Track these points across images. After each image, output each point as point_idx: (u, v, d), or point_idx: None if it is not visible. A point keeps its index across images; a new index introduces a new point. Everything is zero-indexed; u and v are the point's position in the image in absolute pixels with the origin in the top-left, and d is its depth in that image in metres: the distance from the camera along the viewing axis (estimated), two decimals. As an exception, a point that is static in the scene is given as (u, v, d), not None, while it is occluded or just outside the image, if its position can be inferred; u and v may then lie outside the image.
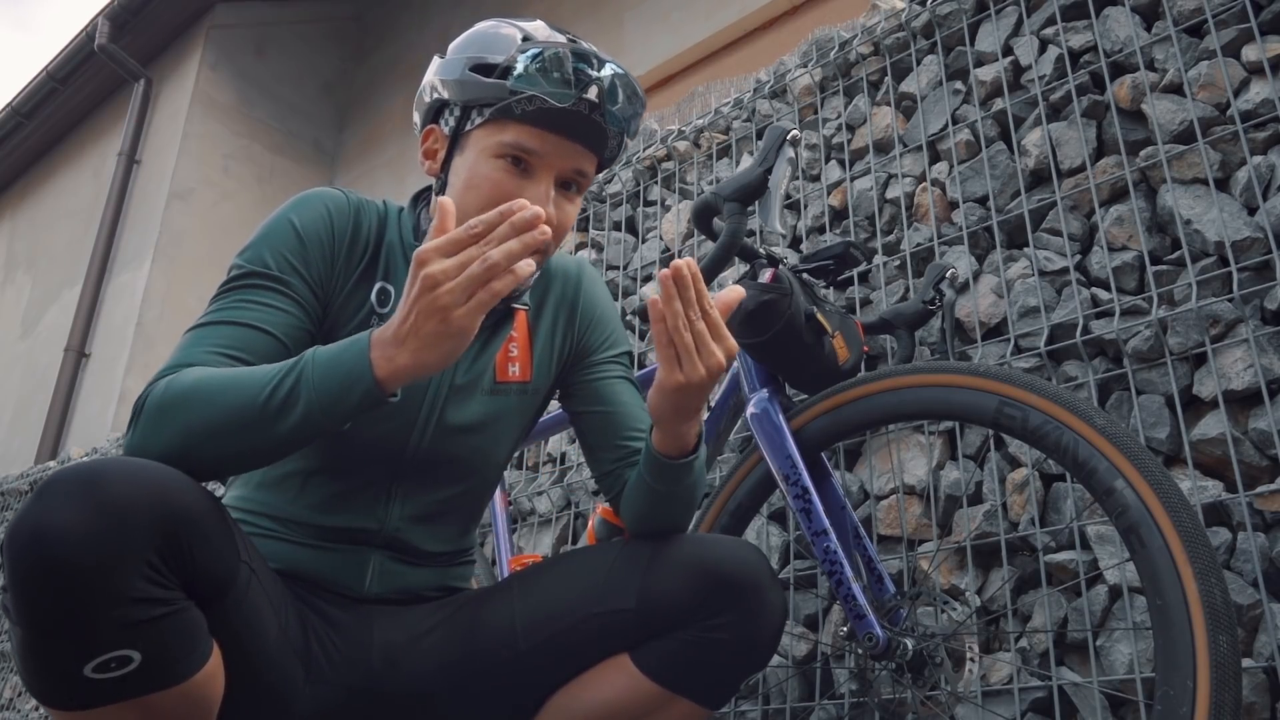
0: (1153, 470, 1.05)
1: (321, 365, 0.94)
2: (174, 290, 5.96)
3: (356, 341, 0.94)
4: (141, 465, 0.88)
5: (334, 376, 0.93)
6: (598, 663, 1.09)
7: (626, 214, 2.63)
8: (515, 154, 1.10)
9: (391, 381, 0.92)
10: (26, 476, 4.89)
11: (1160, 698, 0.98)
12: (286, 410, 0.93)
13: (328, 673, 1.10)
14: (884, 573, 1.34)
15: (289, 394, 0.93)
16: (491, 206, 1.10)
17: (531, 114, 1.08)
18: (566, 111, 1.08)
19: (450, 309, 0.89)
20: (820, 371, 1.43)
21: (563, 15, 5.30)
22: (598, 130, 1.11)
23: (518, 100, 1.08)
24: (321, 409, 0.93)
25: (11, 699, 4.15)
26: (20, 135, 7.60)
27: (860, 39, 2.15)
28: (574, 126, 1.10)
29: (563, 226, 1.14)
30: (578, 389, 1.28)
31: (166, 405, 0.96)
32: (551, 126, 1.09)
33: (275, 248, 1.11)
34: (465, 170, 1.13)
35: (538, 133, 1.09)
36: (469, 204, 1.10)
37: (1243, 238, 1.50)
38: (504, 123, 1.10)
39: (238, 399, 0.94)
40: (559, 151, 1.10)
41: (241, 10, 6.73)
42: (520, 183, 1.10)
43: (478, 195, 1.10)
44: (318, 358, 0.94)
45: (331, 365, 0.93)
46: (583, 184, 1.15)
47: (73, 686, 0.85)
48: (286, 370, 0.94)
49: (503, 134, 1.10)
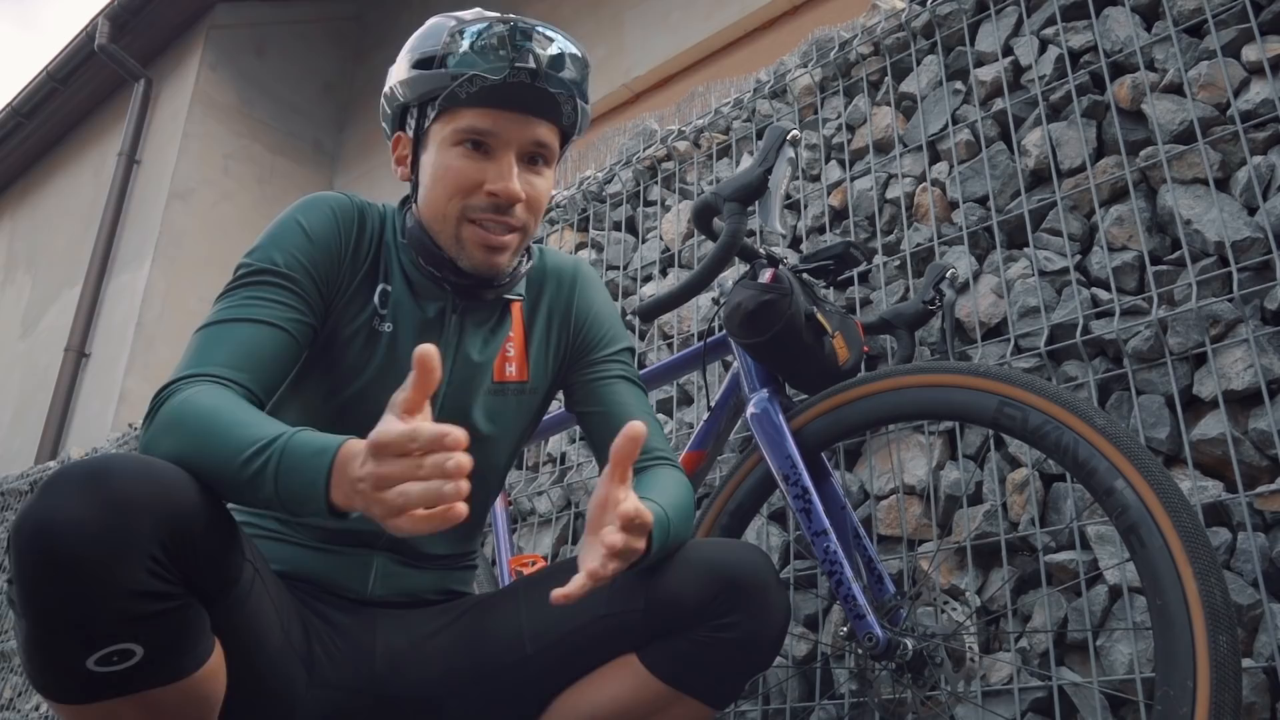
0: (1153, 470, 1.05)
1: (290, 461, 0.89)
2: (174, 290, 5.96)
3: (324, 452, 0.88)
4: (147, 462, 0.88)
5: (296, 480, 0.89)
6: (605, 663, 1.10)
7: (626, 214, 2.63)
8: (471, 138, 1.12)
9: (346, 508, 0.88)
10: (27, 476, 4.89)
11: (1160, 698, 0.98)
12: (256, 485, 0.91)
13: (330, 676, 1.10)
14: (884, 573, 1.34)
15: (260, 472, 0.90)
16: (459, 194, 1.13)
17: (477, 95, 1.10)
18: (509, 85, 1.10)
19: (396, 507, 0.82)
20: (820, 371, 1.43)
21: (563, 15, 5.30)
22: (545, 98, 1.13)
23: (460, 84, 1.10)
24: (283, 502, 0.90)
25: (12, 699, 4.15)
26: (20, 135, 7.61)
27: (860, 39, 2.15)
28: (520, 99, 1.12)
29: (535, 200, 1.16)
30: (578, 389, 1.29)
31: (173, 422, 0.97)
32: (498, 103, 1.11)
33: (284, 247, 1.13)
34: (429, 165, 1.15)
35: (487, 112, 1.11)
36: (438, 196, 1.14)
37: (1243, 238, 1.50)
38: (455, 110, 1.12)
39: (223, 453, 0.92)
40: (512, 127, 1.12)
41: (241, 10, 6.73)
42: (482, 164, 1.13)
43: (444, 186, 1.13)
44: (289, 450, 0.90)
45: (297, 467, 0.89)
46: (547, 155, 1.17)
47: (75, 679, 0.86)
48: (264, 445, 0.91)
49: (456, 121, 1.12)
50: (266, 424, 0.94)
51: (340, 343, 1.16)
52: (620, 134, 2.86)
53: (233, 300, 1.09)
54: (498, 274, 1.18)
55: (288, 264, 1.11)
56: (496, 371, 1.24)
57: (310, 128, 7.01)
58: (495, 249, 1.15)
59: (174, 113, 6.47)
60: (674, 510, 1.09)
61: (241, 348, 1.05)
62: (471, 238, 1.14)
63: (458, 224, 1.14)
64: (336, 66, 7.22)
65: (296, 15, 7.02)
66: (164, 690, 0.89)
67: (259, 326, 1.07)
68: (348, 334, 1.16)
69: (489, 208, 1.13)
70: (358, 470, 0.84)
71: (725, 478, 1.50)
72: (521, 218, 1.15)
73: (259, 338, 1.06)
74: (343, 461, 0.87)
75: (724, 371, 2.17)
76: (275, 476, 0.89)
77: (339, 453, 0.87)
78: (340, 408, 1.16)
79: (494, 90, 1.10)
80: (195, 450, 0.94)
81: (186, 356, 1.05)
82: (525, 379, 1.26)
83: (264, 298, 1.09)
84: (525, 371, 1.26)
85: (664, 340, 2.37)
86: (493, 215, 1.13)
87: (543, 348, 1.28)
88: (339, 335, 1.16)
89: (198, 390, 0.99)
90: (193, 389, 0.99)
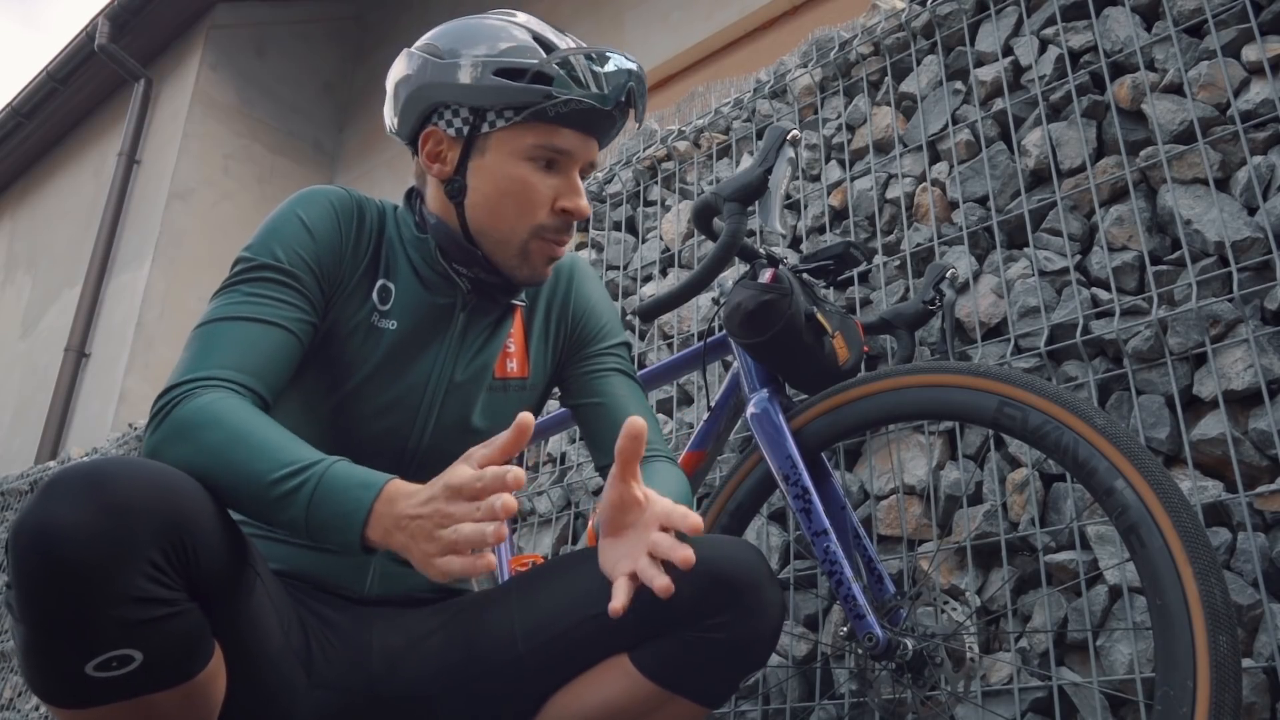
0: (1153, 470, 1.05)
1: (328, 489, 0.91)
2: (174, 290, 5.95)
3: (369, 486, 0.91)
4: (146, 466, 0.88)
5: (332, 509, 0.90)
6: (597, 664, 1.09)
7: (626, 214, 2.63)
8: (550, 156, 1.14)
9: (378, 545, 0.90)
10: (26, 476, 4.89)
11: (1160, 698, 0.98)
12: (284, 506, 0.92)
13: (328, 676, 1.10)
14: (884, 573, 1.34)
15: (292, 494, 0.91)
16: (528, 208, 1.15)
17: (566, 115, 1.12)
18: (601, 112, 1.13)
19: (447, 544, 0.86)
20: (820, 371, 1.43)
21: (563, 15, 5.30)
22: (616, 126, 1.17)
23: (554, 104, 1.10)
24: (309, 528, 0.92)
25: (12, 699, 4.15)
26: (20, 135, 7.60)
27: (860, 39, 2.15)
28: (600, 124, 1.15)
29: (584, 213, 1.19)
30: (573, 382, 1.29)
31: (186, 429, 0.96)
32: (580, 125, 1.13)
33: (285, 242, 1.12)
34: (492, 174, 1.14)
35: (572, 134, 1.13)
36: (507, 209, 1.15)
37: (1243, 238, 1.50)
38: (534, 124, 1.12)
39: (248, 468, 0.93)
40: (583, 147, 1.15)
41: (241, 10, 6.73)
42: (552, 181, 1.15)
43: (519, 201, 1.14)
44: (328, 478, 0.92)
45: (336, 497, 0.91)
46: (588, 172, 1.21)
47: (74, 684, 0.85)
48: (301, 468, 0.92)
49: (534, 136, 1.13)
50: (301, 447, 0.95)
51: (339, 339, 1.16)
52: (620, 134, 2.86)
53: (234, 297, 1.07)
54: (544, 281, 1.22)
55: (290, 260, 1.10)
56: (498, 368, 1.24)
57: (310, 128, 7.01)
58: (554, 260, 1.19)
59: (174, 113, 6.47)
60: None
61: (247, 349, 1.04)
62: (539, 251, 1.17)
63: (528, 239, 1.16)
64: (336, 66, 7.22)
65: (296, 15, 7.01)
66: (164, 695, 0.89)
67: (264, 327, 1.06)
68: (346, 330, 1.16)
69: (562, 226, 1.16)
70: (415, 508, 0.87)
71: (725, 478, 1.50)
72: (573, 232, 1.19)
73: (264, 339, 1.05)
74: (389, 498, 0.89)
75: (724, 371, 2.17)
76: (309, 501, 0.90)
77: (385, 489, 0.90)
78: (338, 403, 1.16)
79: (584, 113, 1.12)
80: (214, 461, 0.93)
81: (190, 355, 1.03)
82: (526, 375, 1.26)
83: (266, 295, 1.08)
84: (526, 368, 1.26)
85: (664, 340, 2.37)
86: (563, 234, 1.17)
87: (542, 343, 1.29)
88: (337, 331, 1.16)
89: (214, 398, 0.98)
90: (208, 395, 0.98)
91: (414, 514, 0.87)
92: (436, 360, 1.19)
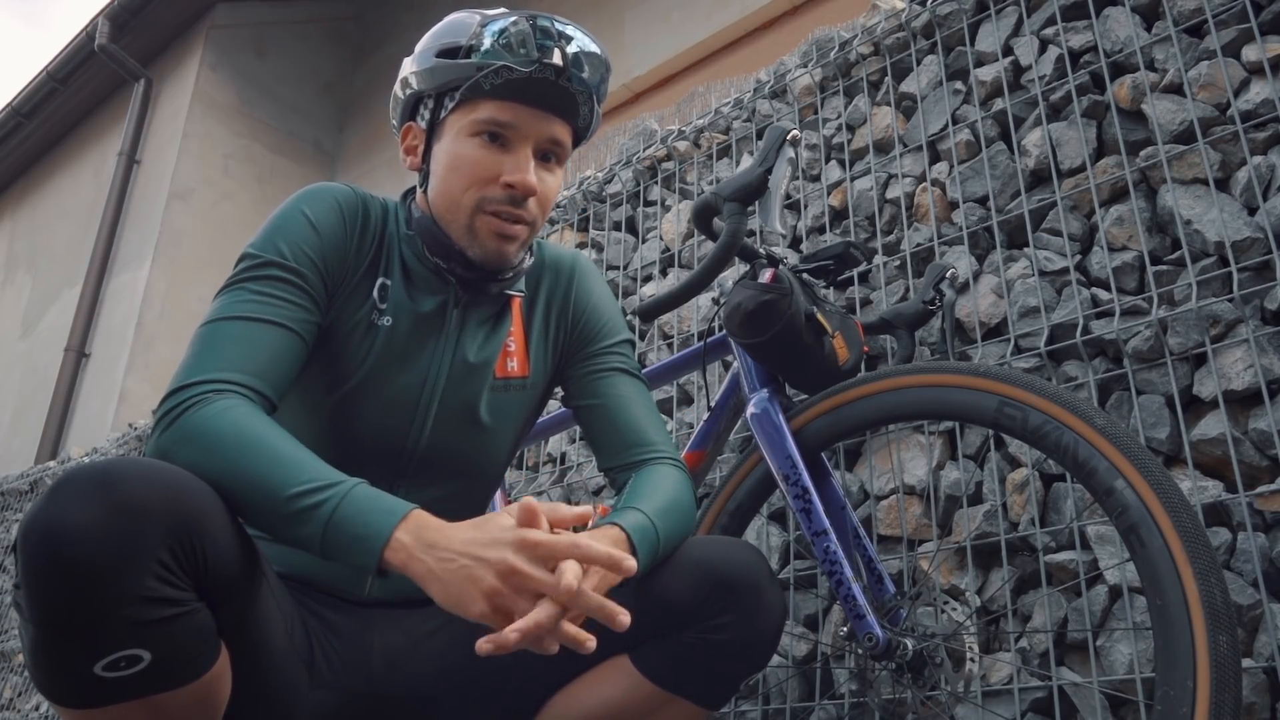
0: (1153, 470, 1.05)
1: (350, 510, 0.91)
2: (174, 290, 5.95)
3: (393, 512, 0.92)
4: (155, 466, 0.88)
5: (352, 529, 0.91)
6: (597, 664, 1.09)
7: (626, 214, 2.63)
8: (490, 129, 1.13)
9: (394, 569, 0.91)
10: (27, 476, 4.89)
11: (1160, 698, 0.98)
12: (300, 521, 0.92)
13: (329, 677, 1.10)
14: (884, 573, 1.34)
15: (310, 510, 0.91)
16: (476, 184, 1.13)
17: (501, 87, 1.11)
18: (534, 80, 1.11)
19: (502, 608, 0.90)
20: (820, 371, 1.43)
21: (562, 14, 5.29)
22: (567, 97, 1.14)
23: (485, 75, 1.10)
24: (324, 545, 0.92)
25: (12, 699, 4.15)
26: (20, 135, 7.60)
27: (860, 39, 2.15)
28: (543, 95, 1.13)
29: (546, 196, 1.17)
30: (576, 382, 1.28)
31: (199, 435, 0.95)
32: (521, 97, 1.12)
33: (290, 239, 1.12)
34: (444, 155, 1.16)
35: (508, 105, 1.12)
36: (453, 186, 1.14)
37: (1243, 238, 1.50)
38: (476, 101, 1.13)
39: (266, 480, 0.93)
40: (532, 121, 1.13)
41: (241, 10, 6.73)
42: (499, 157, 1.13)
43: (461, 176, 1.14)
44: (351, 499, 0.92)
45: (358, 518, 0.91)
46: (560, 154, 1.18)
47: (82, 684, 0.85)
48: (321, 486, 0.93)
49: (476, 112, 1.13)
50: (321, 465, 0.95)
51: (340, 336, 1.16)
52: (620, 134, 2.86)
53: (239, 295, 1.07)
54: (505, 264, 1.18)
55: (295, 258, 1.10)
56: (499, 368, 1.23)
57: (310, 128, 7.01)
58: (507, 238, 1.15)
59: (174, 113, 6.47)
60: (664, 515, 1.08)
61: (253, 350, 1.03)
62: (485, 227, 1.15)
63: (472, 214, 1.14)
64: (336, 66, 7.22)
65: (296, 15, 7.01)
66: (171, 694, 0.89)
67: (270, 328, 1.06)
68: (347, 328, 1.16)
69: (505, 200, 1.13)
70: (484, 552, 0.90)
71: (725, 478, 1.50)
72: (533, 212, 1.16)
73: (271, 340, 1.05)
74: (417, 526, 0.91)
75: (724, 371, 2.17)
76: (328, 519, 0.91)
77: (410, 515, 0.92)
78: (339, 401, 1.16)
79: (517, 84, 1.11)
80: (228, 469, 0.93)
81: (196, 355, 1.03)
82: (526, 374, 1.26)
83: (272, 294, 1.07)
84: (526, 367, 1.26)
85: (664, 340, 2.37)
86: (507, 207, 1.14)
87: (542, 342, 1.28)
88: (339, 329, 1.16)
89: (228, 405, 0.98)
90: (221, 402, 0.98)
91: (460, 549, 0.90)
92: (434, 358, 1.19)
